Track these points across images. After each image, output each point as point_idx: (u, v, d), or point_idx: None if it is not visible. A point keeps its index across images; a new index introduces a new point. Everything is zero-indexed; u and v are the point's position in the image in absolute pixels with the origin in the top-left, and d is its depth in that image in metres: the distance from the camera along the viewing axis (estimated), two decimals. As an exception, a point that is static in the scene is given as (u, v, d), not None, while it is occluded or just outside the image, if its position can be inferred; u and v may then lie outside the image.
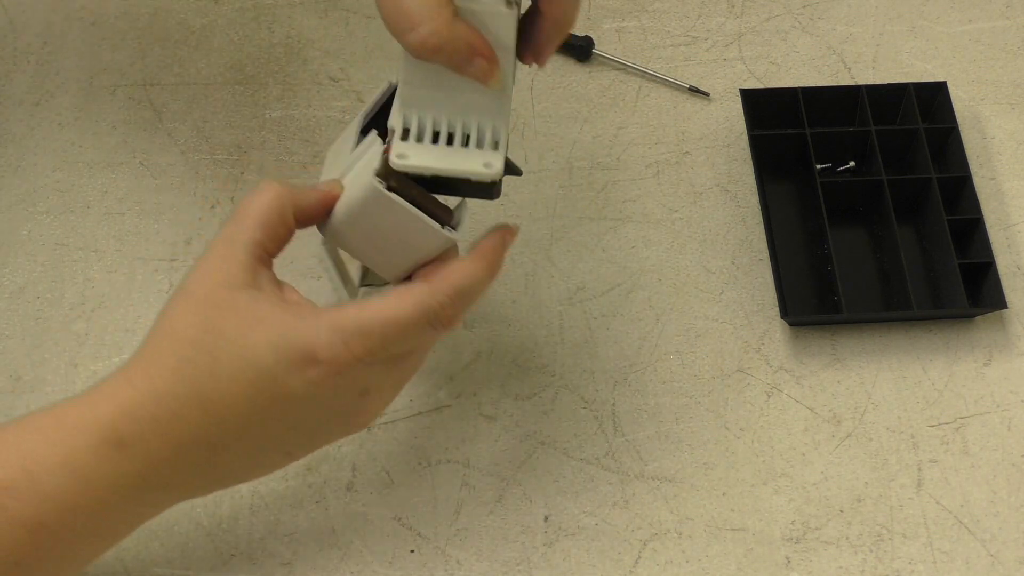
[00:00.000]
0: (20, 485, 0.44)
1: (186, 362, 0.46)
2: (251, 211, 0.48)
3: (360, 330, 0.46)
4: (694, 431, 0.60)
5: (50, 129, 0.70)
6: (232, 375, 0.46)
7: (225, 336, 0.46)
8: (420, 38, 0.45)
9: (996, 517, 0.57)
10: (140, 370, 0.46)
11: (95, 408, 0.46)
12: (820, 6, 0.76)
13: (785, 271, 0.64)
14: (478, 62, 0.46)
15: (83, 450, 0.45)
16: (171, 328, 0.47)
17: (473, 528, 0.57)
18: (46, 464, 0.45)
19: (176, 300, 0.47)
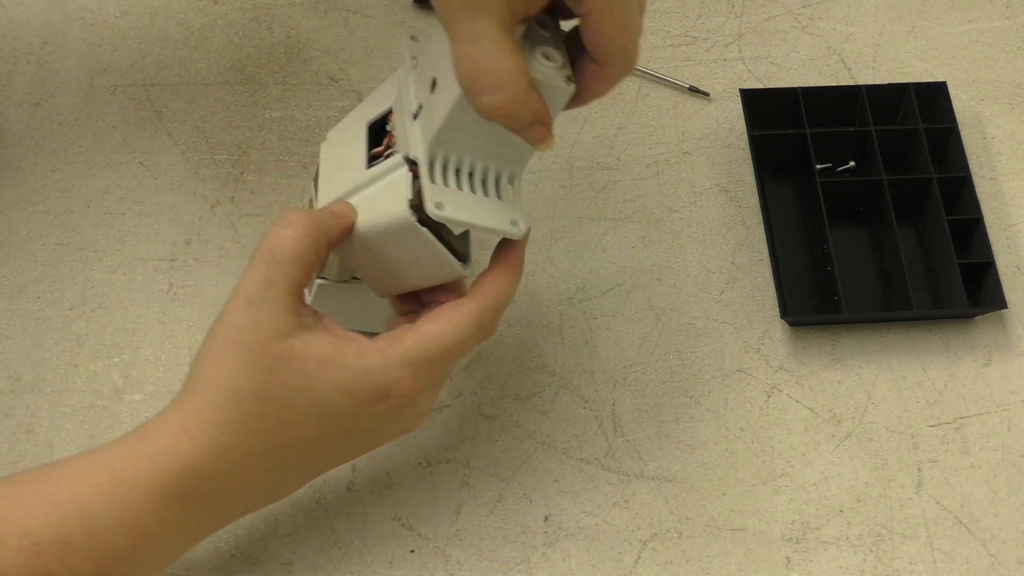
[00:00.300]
0: (79, 541, 0.45)
1: (253, 416, 0.46)
2: (287, 251, 0.47)
3: (427, 359, 0.48)
4: (694, 431, 0.60)
5: (50, 129, 0.70)
6: (302, 422, 0.47)
7: (292, 387, 0.47)
8: (497, 102, 0.46)
9: (996, 517, 0.57)
10: (199, 425, 0.46)
11: (152, 464, 0.46)
12: (820, 6, 0.76)
13: (785, 271, 0.64)
14: (539, 129, 0.48)
15: (143, 507, 0.45)
16: (230, 383, 0.46)
17: (473, 528, 0.57)
18: (105, 521, 0.45)
19: (224, 351, 0.47)
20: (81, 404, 0.60)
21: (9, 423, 0.60)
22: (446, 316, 0.49)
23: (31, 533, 0.44)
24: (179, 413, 0.47)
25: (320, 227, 0.48)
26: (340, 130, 0.55)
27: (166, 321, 0.63)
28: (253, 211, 0.67)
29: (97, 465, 0.46)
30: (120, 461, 0.46)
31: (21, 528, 0.44)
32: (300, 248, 0.47)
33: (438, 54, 0.50)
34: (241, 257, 0.65)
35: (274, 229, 0.48)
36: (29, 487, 0.46)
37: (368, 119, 0.53)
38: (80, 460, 0.47)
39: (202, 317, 0.63)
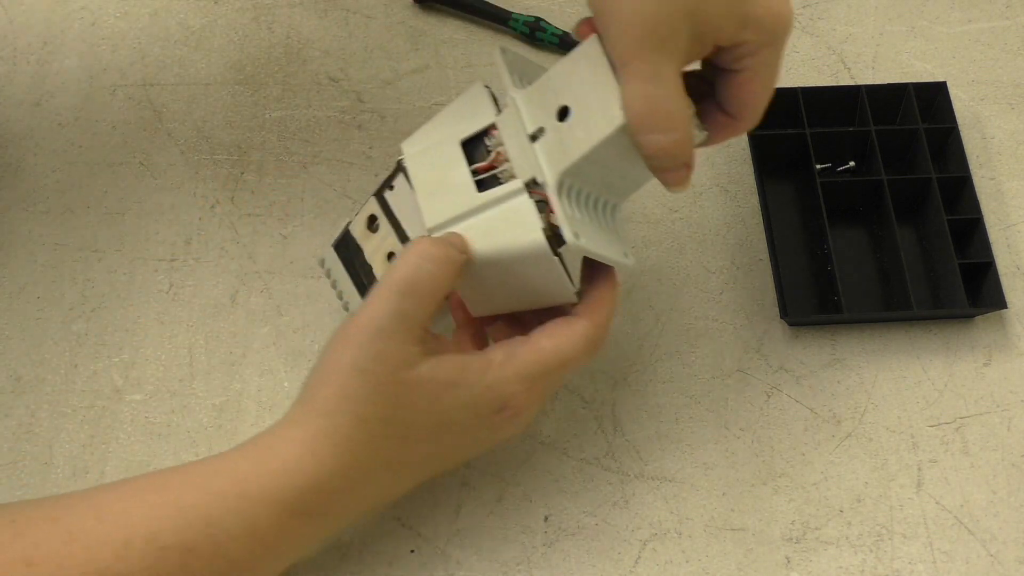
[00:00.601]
0: (203, 549, 0.46)
1: (378, 438, 0.49)
2: (425, 286, 0.48)
3: (542, 374, 0.50)
4: (694, 431, 0.60)
5: (50, 129, 0.70)
6: (424, 439, 0.50)
7: (418, 410, 0.49)
8: (667, 142, 0.48)
9: (996, 517, 0.57)
10: (325, 446, 0.48)
11: (277, 480, 0.47)
12: (820, 6, 0.76)
13: (785, 271, 0.64)
14: (685, 172, 0.50)
15: (267, 520, 0.47)
16: (357, 410, 0.48)
17: (473, 528, 0.57)
18: (231, 532, 0.47)
19: (352, 379, 0.48)
20: (81, 404, 0.60)
21: (9, 423, 0.60)
22: (561, 333, 0.51)
23: (156, 537, 0.45)
24: (302, 432, 0.48)
25: (455, 262, 0.49)
26: (423, 144, 0.54)
27: (166, 321, 0.63)
28: (253, 211, 0.67)
29: (223, 475, 0.48)
30: (245, 473, 0.48)
31: (146, 532, 0.45)
32: (436, 282, 0.48)
33: (568, 81, 0.50)
34: (241, 257, 0.65)
35: (411, 259, 0.48)
36: (156, 492, 0.47)
37: (460, 136, 0.53)
38: (205, 468, 0.48)
39: (202, 317, 0.63)
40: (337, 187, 0.68)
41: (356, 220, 0.57)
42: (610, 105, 0.48)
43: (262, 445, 0.49)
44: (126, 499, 0.47)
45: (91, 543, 0.45)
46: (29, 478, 0.58)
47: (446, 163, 0.53)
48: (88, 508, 0.46)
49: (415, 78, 0.73)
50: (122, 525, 0.46)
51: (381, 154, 0.69)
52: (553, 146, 0.50)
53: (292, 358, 0.62)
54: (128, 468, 0.59)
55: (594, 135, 0.49)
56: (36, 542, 0.45)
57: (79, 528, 0.45)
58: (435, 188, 0.53)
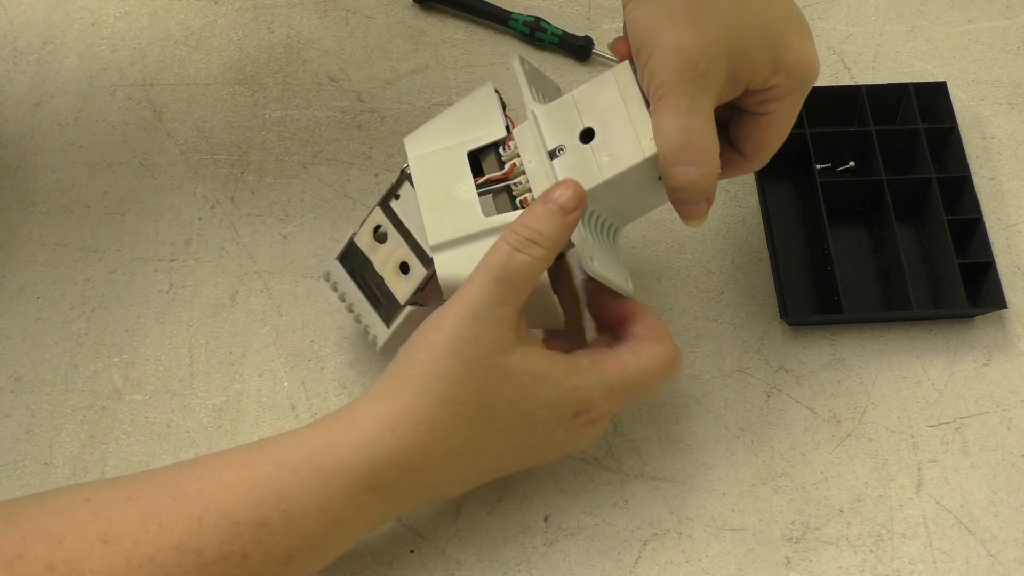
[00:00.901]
0: (276, 524, 0.47)
1: (463, 420, 0.49)
2: (522, 276, 0.49)
3: (624, 386, 0.52)
4: (694, 431, 0.60)
5: (50, 129, 0.70)
6: (504, 429, 0.50)
7: (504, 398, 0.49)
8: (697, 176, 0.50)
9: (996, 517, 0.57)
10: (407, 422, 0.49)
11: (354, 453, 0.48)
12: (820, 6, 0.76)
13: (785, 271, 0.64)
14: (704, 207, 0.51)
15: (339, 494, 0.48)
16: (446, 390, 0.49)
17: (473, 528, 0.57)
18: (303, 506, 0.47)
19: (444, 358, 0.49)
20: (81, 404, 0.60)
21: (9, 423, 0.60)
22: (645, 353, 0.52)
23: (230, 513, 0.46)
24: (386, 407, 0.49)
25: (552, 248, 0.50)
26: (428, 146, 0.54)
27: (166, 321, 0.63)
28: (253, 211, 0.67)
29: (297, 449, 0.48)
30: (320, 447, 0.48)
31: (219, 508, 0.46)
32: (532, 271, 0.50)
33: (594, 103, 0.51)
34: (241, 257, 0.65)
35: (505, 248, 0.49)
36: (229, 468, 0.48)
37: (468, 147, 0.53)
38: (279, 443, 0.49)
39: (202, 317, 0.63)
40: (337, 187, 0.68)
41: (361, 231, 0.57)
42: (640, 134, 0.49)
43: (342, 419, 0.49)
44: (201, 477, 0.48)
45: (165, 520, 0.46)
46: (29, 478, 0.58)
47: (452, 175, 0.53)
48: (163, 486, 0.47)
49: (415, 78, 0.73)
50: (196, 502, 0.46)
51: (381, 154, 0.69)
52: (574, 167, 0.51)
53: (292, 358, 0.62)
54: (128, 468, 0.59)
55: (621, 162, 0.50)
56: (112, 519, 0.45)
57: (153, 505, 0.46)
58: (440, 202, 0.53)
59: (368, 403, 0.50)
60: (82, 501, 0.46)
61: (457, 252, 0.52)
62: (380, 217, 0.56)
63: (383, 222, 0.56)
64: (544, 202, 0.50)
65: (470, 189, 0.52)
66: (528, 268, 0.49)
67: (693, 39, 0.48)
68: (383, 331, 0.56)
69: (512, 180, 0.52)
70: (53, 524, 0.45)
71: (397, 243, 0.55)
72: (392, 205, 0.56)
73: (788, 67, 0.50)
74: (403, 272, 0.55)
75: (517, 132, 0.53)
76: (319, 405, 0.61)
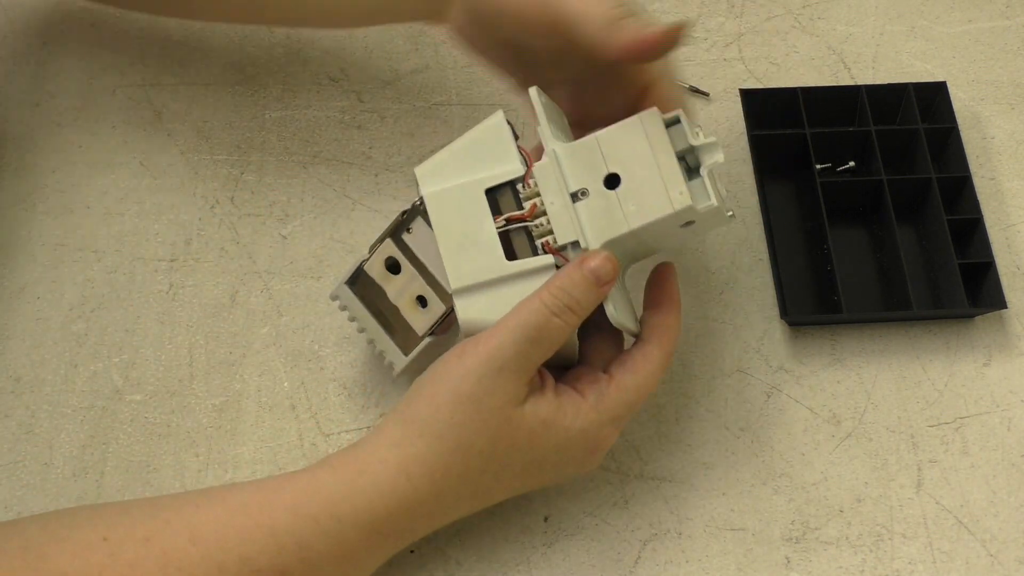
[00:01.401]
0: (295, 570, 0.48)
1: (476, 471, 0.50)
2: (555, 339, 0.50)
3: (628, 410, 0.52)
4: (694, 431, 0.60)
5: (50, 129, 0.70)
6: (517, 474, 0.51)
7: (516, 447, 0.50)
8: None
9: (996, 517, 0.57)
10: (421, 470, 0.49)
11: (370, 502, 0.49)
12: (820, 6, 0.76)
13: (785, 271, 0.64)
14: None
15: (357, 540, 0.49)
16: (460, 438, 0.49)
17: (473, 528, 0.57)
18: (323, 554, 0.48)
19: (462, 408, 0.49)
20: (81, 404, 0.60)
21: (9, 423, 0.60)
22: (640, 368, 0.53)
23: (250, 561, 0.47)
24: (399, 455, 0.49)
25: (584, 316, 0.50)
26: (441, 181, 0.54)
27: (166, 321, 0.63)
28: (253, 211, 0.67)
29: (315, 498, 0.49)
30: (337, 495, 0.49)
31: (240, 556, 0.47)
32: (564, 336, 0.50)
33: (621, 149, 0.51)
34: (241, 257, 0.65)
35: (544, 311, 0.49)
36: (247, 513, 0.48)
37: (485, 184, 0.52)
38: (294, 486, 0.49)
39: (202, 317, 0.63)
40: (337, 187, 0.68)
41: (372, 261, 0.56)
42: (669, 185, 0.50)
43: (355, 464, 0.50)
44: (219, 521, 0.48)
45: (186, 566, 0.46)
46: (29, 478, 0.58)
47: (471, 215, 0.52)
48: (181, 528, 0.47)
49: (415, 78, 0.73)
50: (216, 548, 0.47)
51: (381, 154, 0.69)
52: (597, 212, 0.51)
53: (292, 358, 0.62)
54: (128, 468, 0.59)
55: (649, 213, 0.50)
56: (131, 563, 0.46)
57: (173, 549, 0.46)
58: (459, 243, 0.52)
59: (381, 447, 0.50)
60: (99, 540, 0.46)
61: (479, 297, 0.52)
62: (392, 249, 0.56)
63: (395, 254, 0.56)
64: (581, 269, 0.50)
65: (491, 231, 0.52)
66: (561, 333, 0.50)
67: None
68: (400, 359, 0.56)
69: (533, 222, 0.52)
70: (71, 566, 0.45)
71: (412, 276, 0.55)
72: (405, 239, 0.55)
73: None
74: (422, 306, 0.55)
75: (537, 170, 0.52)
76: (319, 405, 0.61)
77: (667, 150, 0.50)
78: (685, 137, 0.51)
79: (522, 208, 0.52)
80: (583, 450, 0.52)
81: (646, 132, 0.51)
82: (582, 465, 0.53)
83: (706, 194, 0.50)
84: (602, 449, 0.53)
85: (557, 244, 0.51)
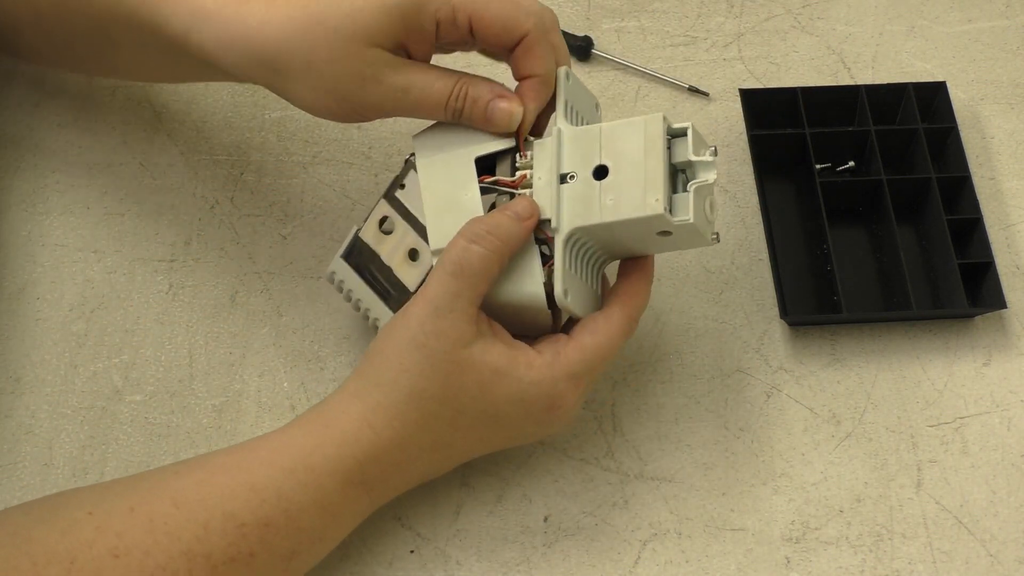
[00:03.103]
0: (280, 522, 0.49)
1: (431, 416, 0.51)
2: (474, 266, 0.51)
3: (588, 370, 0.53)
4: (694, 431, 0.60)
5: (50, 130, 0.70)
6: (472, 425, 0.52)
7: (467, 392, 0.51)
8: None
9: (996, 517, 0.57)
10: (382, 419, 0.51)
11: (339, 451, 0.50)
12: (820, 6, 0.76)
13: (785, 271, 0.64)
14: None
15: (332, 491, 0.50)
16: (413, 384, 0.51)
17: (473, 528, 0.57)
18: (302, 503, 0.50)
19: (410, 354, 0.51)
20: (81, 404, 0.61)
21: (9, 423, 0.60)
22: (601, 329, 0.53)
23: (234, 516, 0.48)
24: (360, 404, 0.51)
25: (506, 242, 0.51)
26: (436, 149, 0.55)
27: (166, 321, 0.63)
28: (253, 211, 0.67)
29: (288, 451, 0.50)
30: (309, 447, 0.50)
31: (223, 512, 0.48)
32: (486, 263, 0.51)
33: (618, 145, 0.52)
34: (241, 257, 0.65)
35: (461, 242, 0.51)
36: (227, 473, 0.50)
37: (476, 152, 0.54)
38: (269, 444, 0.51)
39: (202, 317, 0.63)
40: (337, 187, 0.68)
41: (367, 225, 0.57)
42: (648, 190, 0.50)
43: (321, 418, 0.51)
44: (200, 483, 0.49)
45: (172, 528, 0.47)
46: (29, 478, 0.58)
47: (458, 181, 0.54)
48: (164, 495, 0.48)
49: (415, 78, 0.72)
50: (200, 508, 0.48)
51: (381, 154, 0.69)
52: (579, 198, 0.52)
53: (292, 358, 0.62)
54: (128, 468, 0.59)
55: (622, 210, 0.51)
56: (119, 533, 0.46)
57: (158, 514, 0.47)
58: (444, 207, 0.54)
59: (344, 400, 0.52)
60: (84, 516, 0.47)
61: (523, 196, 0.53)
62: (386, 208, 0.57)
63: (389, 213, 0.56)
64: (502, 210, 0.52)
65: (475, 196, 0.53)
66: (481, 260, 0.50)
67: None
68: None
69: (519, 190, 0.53)
70: (60, 544, 0.46)
71: (405, 231, 0.56)
72: (398, 195, 0.56)
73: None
74: (412, 259, 0.56)
75: (538, 144, 0.53)
76: (319, 405, 0.61)
77: (658, 156, 0.51)
78: (687, 150, 0.51)
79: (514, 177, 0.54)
80: (540, 407, 0.52)
81: (645, 134, 0.51)
82: (543, 424, 0.53)
83: (685, 209, 0.50)
84: (561, 407, 0.52)
85: None
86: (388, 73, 0.52)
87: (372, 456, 0.51)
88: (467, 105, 0.53)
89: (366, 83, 0.52)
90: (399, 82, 0.52)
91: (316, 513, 0.50)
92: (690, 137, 0.51)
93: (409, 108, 0.53)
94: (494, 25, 0.53)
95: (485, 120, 0.53)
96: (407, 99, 0.53)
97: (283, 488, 0.49)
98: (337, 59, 0.51)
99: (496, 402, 0.52)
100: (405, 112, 0.53)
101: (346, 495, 0.51)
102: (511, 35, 0.53)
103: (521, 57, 0.54)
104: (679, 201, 0.51)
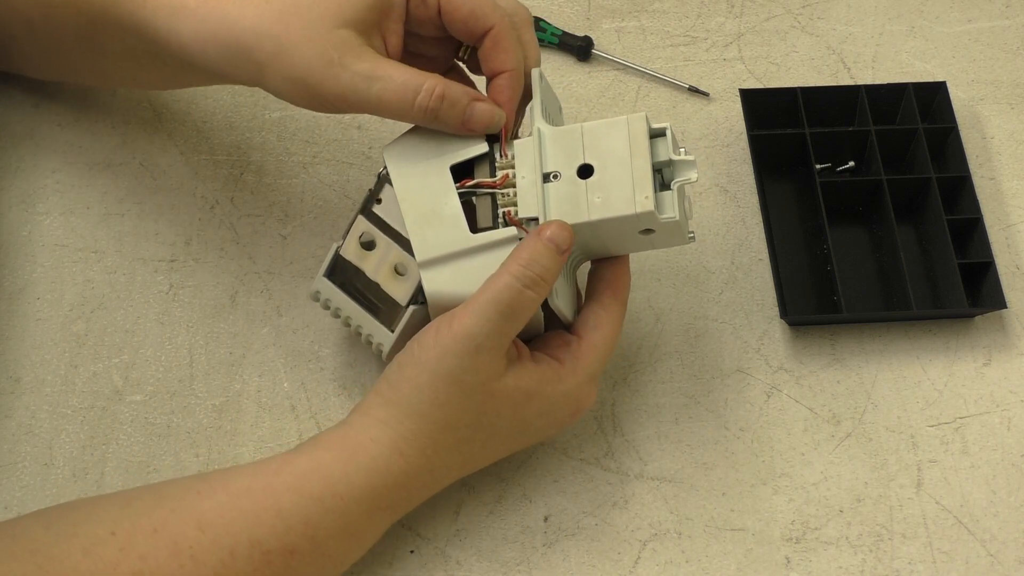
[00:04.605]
0: (305, 549, 0.49)
1: (464, 441, 0.52)
2: (527, 312, 0.51)
3: (601, 363, 0.54)
4: (694, 431, 0.60)
5: (50, 130, 0.70)
6: (503, 440, 0.54)
7: (502, 416, 0.52)
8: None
9: (996, 517, 0.58)
10: (413, 447, 0.51)
11: (368, 480, 0.51)
12: (820, 6, 0.76)
13: (785, 271, 0.64)
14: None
15: (359, 516, 0.51)
16: (448, 416, 0.51)
17: (473, 528, 0.57)
18: (329, 531, 0.50)
19: (446, 388, 0.51)
20: (81, 405, 0.61)
21: (9, 424, 0.60)
22: (605, 322, 0.54)
23: (260, 543, 0.48)
24: (391, 433, 0.51)
25: (552, 283, 0.51)
26: (409, 159, 0.55)
27: (166, 322, 0.63)
28: (253, 212, 0.67)
29: (316, 477, 0.50)
30: (337, 474, 0.50)
31: (250, 539, 0.48)
32: (536, 306, 0.51)
33: (602, 143, 0.52)
34: (241, 257, 0.65)
35: (516, 285, 0.50)
36: (253, 497, 0.49)
37: (451, 160, 0.54)
38: (295, 468, 0.51)
39: (202, 318, 0.63)
40: (337, 187, 0.68)
41: (346, 243, 0.56)
42: (637, 188, 0.50)
43: (348, 444, 0.51)
44: (224, 506, 0.49)
45: (197, 553, 0.47)
46: (29, 479, 0.58)
47: (436, 189, 0.54)
48: (188, 516, 0.48)
49: (415, 78, 0.72)
50: (225, 533, 0.48)
51: (381, 154, 0.69)
52: (564, 197, 0.52)
53: (292, 358, 0.62)
54: (128, 468, 0.59)
55: (612, 209, 0.51)
56: (143, 555, 0.46)
57: (183, 538, 0.47)
58: (425, 219, 0.53)
59: (374, 428, 0.51)
60: (107, 535, 0.47)
61: (444, 269, 0.53)
62: (364, 225, 0.56)
63: (368, 229, 0.56)
64: (541, 238, 0.50)
65: (455, 205, 0.53)
66: (533, 304, 0.51)
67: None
68: (387, 337, 0.56)
69: (501, 190, 0.53)
70: (83, 564, 0.46)
71: (388, 246, 0.55)
72: (376, 211, 0.56)
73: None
74: (399, 273, 0.55)
75: (518, 145, 0.53)
76: (319, 406, 0.61)
77: (644, 155, 0.51)
78: (668, 150, 0.51)
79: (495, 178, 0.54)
80: (567, 413, 0.54)
81: (629, 133, 0.51)
82: (564, 423, 0.55)
83: (671, 206, 0.51)
84: (584, 407, 0.55)
85: (519, 216, 0.52)
86: (353, 60, 0.51)
87: (402, 483, 0.51)
88: (444, 107, 0.52)
89: (332, 67, 0.51)
90: (364, 69, 0.51)
91: (342, 539, 0.51)
92: (670, 137, 0.52)
93: (374, 101, 0.51)
94: (462, 8, 0.53)
95: (461, 123, 0.52)
96: (371, 90, 0.51)
97: (310, 515, 0.49)
98: (307, 40, 0.51)
99: (527, 418, 0.53)
100: (371, 106, 0.52)
101: (372, 520, 0.52)
102: (479, 23, 0.53)
103: (490, 50, 0.54)
104: (664, 199, 0.51)
